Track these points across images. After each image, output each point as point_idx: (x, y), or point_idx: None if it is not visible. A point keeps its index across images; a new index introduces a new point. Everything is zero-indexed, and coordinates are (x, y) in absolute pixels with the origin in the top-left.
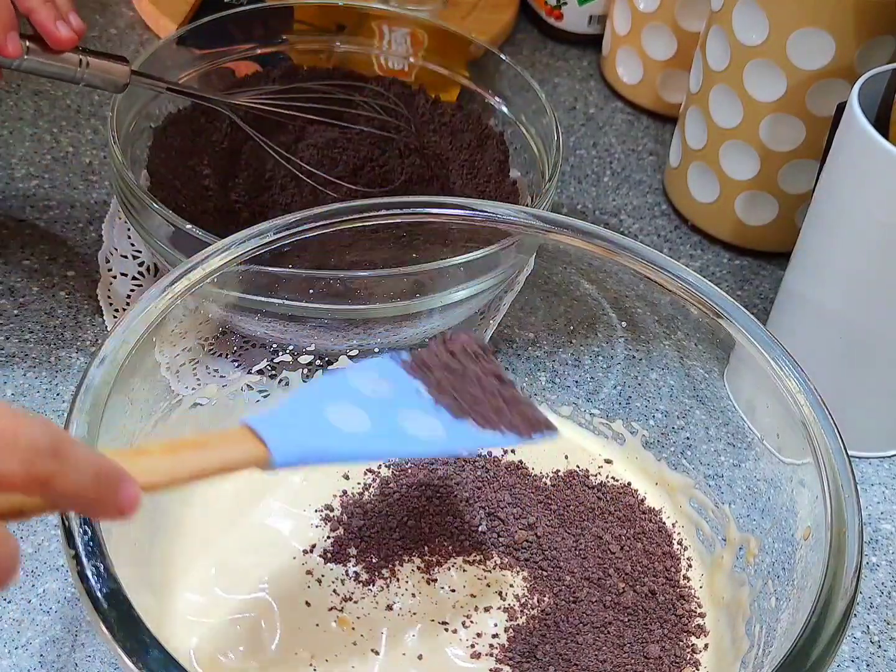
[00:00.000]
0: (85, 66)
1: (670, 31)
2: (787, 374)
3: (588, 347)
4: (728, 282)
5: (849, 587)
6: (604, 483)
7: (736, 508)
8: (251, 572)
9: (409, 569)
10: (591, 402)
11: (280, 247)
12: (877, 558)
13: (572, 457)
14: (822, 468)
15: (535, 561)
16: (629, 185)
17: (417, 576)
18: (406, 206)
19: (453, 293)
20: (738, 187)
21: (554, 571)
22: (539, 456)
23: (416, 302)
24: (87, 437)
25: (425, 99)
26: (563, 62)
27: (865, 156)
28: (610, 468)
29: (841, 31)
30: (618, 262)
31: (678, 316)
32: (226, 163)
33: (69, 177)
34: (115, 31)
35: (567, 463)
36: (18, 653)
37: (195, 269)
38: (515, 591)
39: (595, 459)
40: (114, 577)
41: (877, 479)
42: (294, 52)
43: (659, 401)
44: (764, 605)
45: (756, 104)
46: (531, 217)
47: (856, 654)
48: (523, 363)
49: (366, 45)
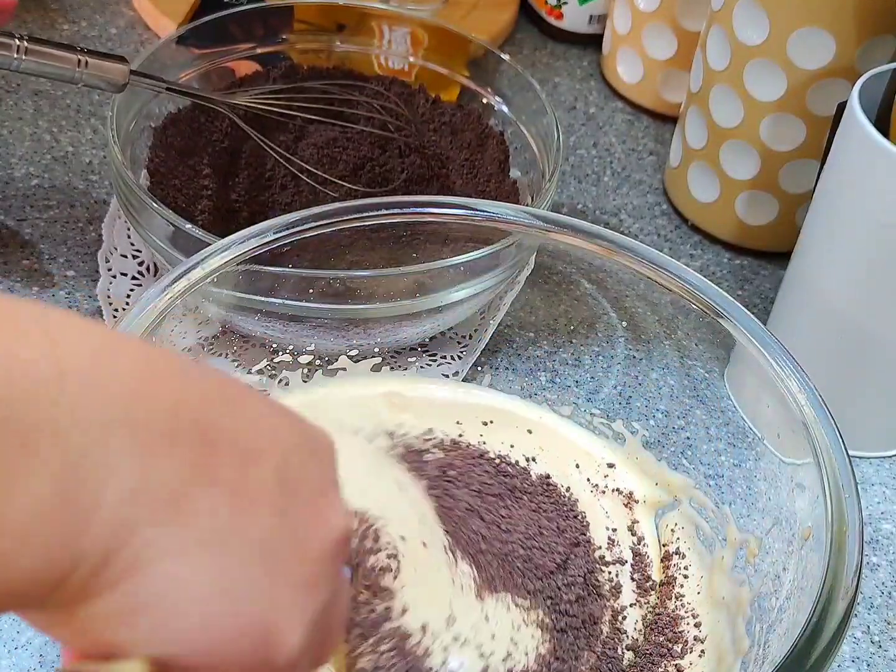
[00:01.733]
0: (84, 67)
1: (671, 31)
2: (787, 373)
3: (588, 347)
4: (728, 281)
5: (849, 587)
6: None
7: (736, 508)
8: None
9: None
10: (591, 401)
11: (280, 246)
12: (877, 558)
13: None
14: (823, 468)
15: None
16: (629, 185)
17: None
18: (406, 205)
19: (453, 293)
20: (738, 187)
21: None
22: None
23: (416, 302)
24: None
25: (425, 98)
26: (564, 62)
27: (866, 155)
28: (612, 472)
29: (841, 30)
30: (618, 262)
31: (678, 316)
32: (225, 162)
33: (69, 176)
34: (115, 31)
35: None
36: (18, 653)
37: (195, 269)
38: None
39: (599, 465)
40: None
41: (877, 479)
42: (294, 52)
43: (659, 400)
44: (764, 605)
45: (756, 104)
46: (531, 217)
47: (856, 654)
48: (523, 363)
49: (366, 45)
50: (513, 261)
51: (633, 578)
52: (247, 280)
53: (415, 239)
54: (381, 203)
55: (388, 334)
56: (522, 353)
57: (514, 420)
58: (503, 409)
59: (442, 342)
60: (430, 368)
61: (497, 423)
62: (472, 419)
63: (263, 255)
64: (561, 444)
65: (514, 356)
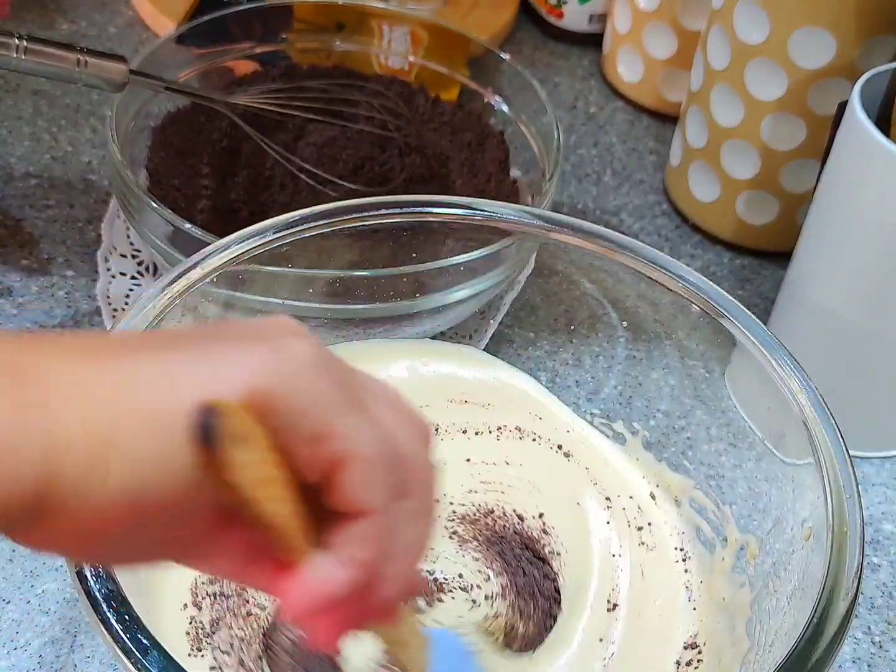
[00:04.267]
0: (83, 66)
1: (671, 30)
2: (788, 373)
3: (588, 347)
4: (729, 281)
5: (850, 588)
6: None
7: (737, 509)
8: None
9: None
10: (591, 402)
11: (279, 246)
12: (878, 559)
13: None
14: (824, 468)
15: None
16: (630, 185)
17: None
18: (406, 205)
19: (453, 293)
20: (739, 186)
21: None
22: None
23: (415, 302)
24: None
25: (425, 98)
26: (564, 61)
27: (866, 155)
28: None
29: (842, 30)
30: (618, 262)
31: (679, 316)
32: (225, 162)
33: (68, 176)
34: (115, 30)
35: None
36: (18, 653)
37: (194, 269)
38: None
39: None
40: (113, 578)
41: (878, 479)
42: (294, 51)
43: (660, 401)
44: (764, 605)
45: (757, 103)
46: (532, 217)
47: (857, 654)
48: (523, 363)
49: (366, 44)
50: (513, 261)
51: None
52: (246, 280)
53: (415, 239)
54: (381, 203)
55: (388, 333)
56: (522, 353)
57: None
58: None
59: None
60: None
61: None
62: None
63: (263, 254)
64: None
65: (514, 356)
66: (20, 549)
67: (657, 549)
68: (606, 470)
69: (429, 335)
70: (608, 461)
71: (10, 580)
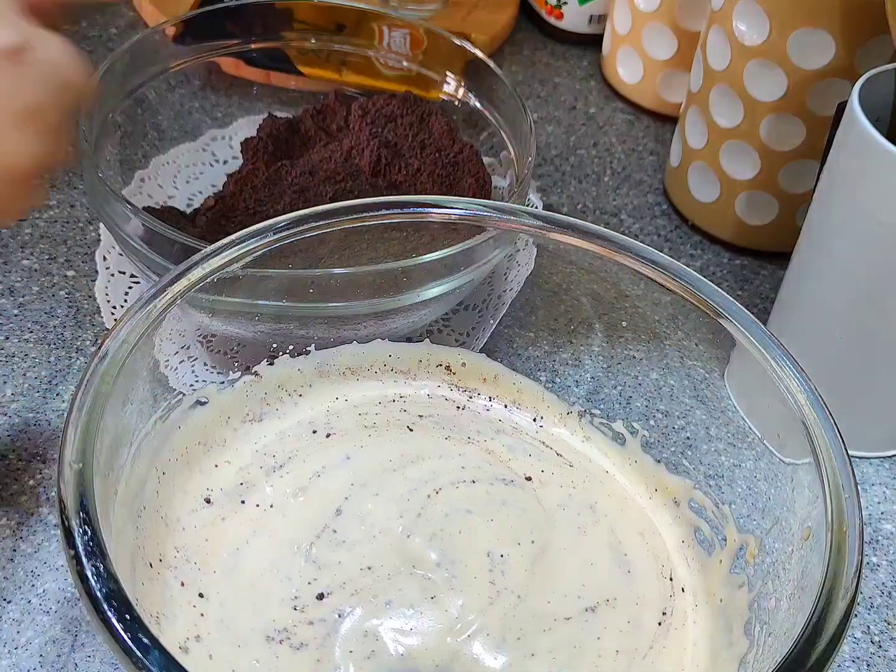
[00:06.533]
0: None
1: (671, 31)
2: (787, 373)
3: (588, 347)
4: (728, 281)
5: (849, 587)
6: None
7: (736, 509)
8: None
9: None
10: (591, 402)
11: (280, 246)
12: (877, 558)
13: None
14: (823, 468)
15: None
16: (629, 185)
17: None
18: (406, 205)
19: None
20: (738, 187)
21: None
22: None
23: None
24: (86, 437)
25: (410, 102)
26: (564, 62)
27: (866, 155)
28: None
29: (841, 30)
30: (618, 262)
31: (678, 316)
32: None
33: (69, 176)
34: (116, 31)
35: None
36: (18, 653)
37: (194, 269)
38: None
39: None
40: (114, 577)
41: (877, 479)
42: (291, 51)
43: (659, 401)
44: (763, 605)
45: (756, 104)
46: (531, 217)
47: (856, 654)
48: (523, 363)
49: (365, 46)
50: (492, 254)
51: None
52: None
53: (414, 239)
54: (381, 203)
55: (377, 327)
56: (522, 353)
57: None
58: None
59: (441, 342)
60: None
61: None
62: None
63: (264, 254)
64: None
65: (514, 356)
66: (21, 550)
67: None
68: (605, 477)
69: (419, 325)
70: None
71: (11, 580)
